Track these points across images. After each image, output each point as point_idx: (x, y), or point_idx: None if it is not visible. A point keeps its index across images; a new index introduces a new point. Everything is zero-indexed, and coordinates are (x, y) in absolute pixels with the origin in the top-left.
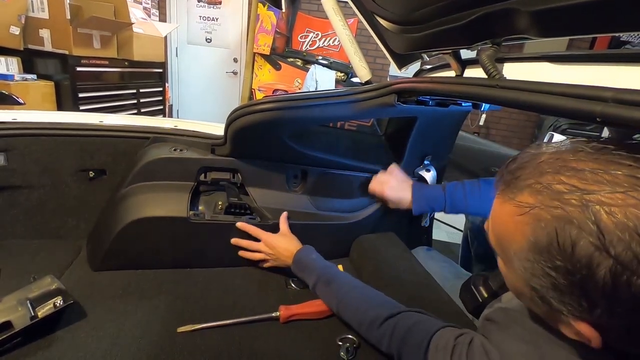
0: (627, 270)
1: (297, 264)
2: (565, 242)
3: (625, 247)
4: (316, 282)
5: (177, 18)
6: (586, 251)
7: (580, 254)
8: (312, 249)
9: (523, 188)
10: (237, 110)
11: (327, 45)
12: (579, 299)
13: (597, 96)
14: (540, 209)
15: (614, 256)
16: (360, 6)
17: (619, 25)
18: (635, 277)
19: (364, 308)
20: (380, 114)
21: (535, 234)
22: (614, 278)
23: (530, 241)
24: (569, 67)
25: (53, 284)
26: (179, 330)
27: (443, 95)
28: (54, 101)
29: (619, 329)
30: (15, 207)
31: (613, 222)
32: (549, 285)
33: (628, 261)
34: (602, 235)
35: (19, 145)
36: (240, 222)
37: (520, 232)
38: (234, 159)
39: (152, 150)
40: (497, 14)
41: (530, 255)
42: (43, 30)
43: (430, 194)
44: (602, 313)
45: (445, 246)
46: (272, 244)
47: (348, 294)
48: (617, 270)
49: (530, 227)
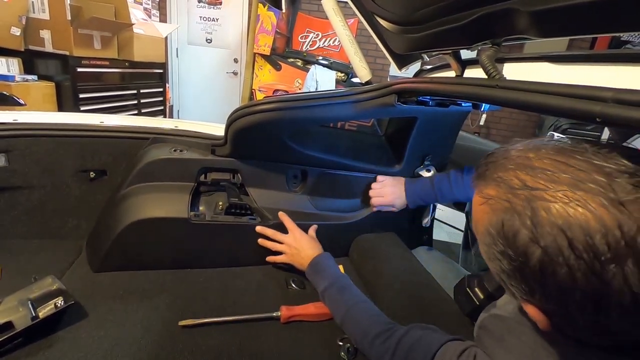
0: (553, 261)
1: (314, 266)
2: (509, 232)
3: (552, 240)
4: (328, 286)
5: (178, 19)
6: (523, 241)
7: (519, 243)
8: (331, 256)
9: (489, 181)
10: (237, 111)
11: (328, 46)
12: (520, 283)
13: (596, 96)
14: (496, 201)
15: (542, 247)
16: (360, 6)
17: (620, 26)
18: (559, 268)
19: (371, 321)
20: (381, 114)
21: (490, 221)
22: (542, 267)
23: (486, 228)
24: (569, 67)
25: (54, 285)
26: (181, 324)
27: (443, 96)
28: (54, 102)
29: (559, 314)
30: (16, 208)
31: (546, 218)
32: (499, 269)
33: (554, 253)
34: (535, 228)
35: (20, 146)
36: (259, 227)
37: (481, 219)
38: (234, 160)
39: (152, 151)
40: (497, 14)
41: (487, 240)
42: (44, 31)
43: (421, 187)
44: (540, 297)
45: (446, 246)
46: (300, 241)
47: (358, 305)
48: (545, 260)
49: (487, 215)
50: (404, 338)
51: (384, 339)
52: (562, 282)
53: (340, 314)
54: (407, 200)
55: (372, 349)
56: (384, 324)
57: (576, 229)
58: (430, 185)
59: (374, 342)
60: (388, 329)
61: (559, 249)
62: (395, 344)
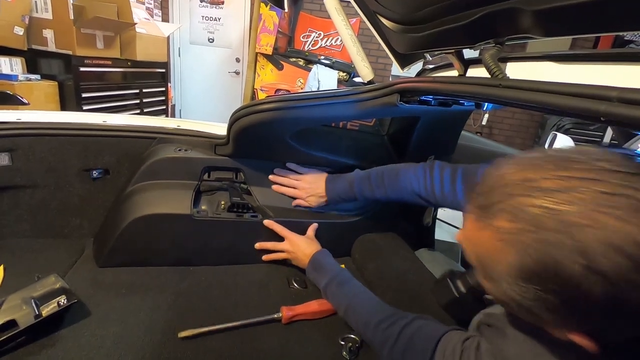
0: (614, 284)
1: (313, 264)
2: (550, 265)
3: (610, 263)
4: (329, 282)
5: (180, 18)
6: (571, 271)
7: (566, 275)
8: (329, 253)
9: (496, 212)
10: (239, 110)
11: (330, 45)
12: (572, 315)
13: (601, 95)
14: (519, 234)
15: (598, 272)
16: (363, 6)
17: (623, 25)
18: (630, 292)
19: (375, 309)
20: (383, 113)
21: (519, 258)
22: (603, 293)
23: (515, 266)
24: (573, 66)
25: (57, 283)
26: (181, 335)
27: (446, 95)
28: (57, 101)
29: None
30: (19, 207)
31: (591, 240)
32: (541, 306)
33: (616, 277)
34: (584, 254)
35: (23, 145)
36: (266, 220)
37: (503, 256)
38: (236, 159)
39: (158, 150)
40: (500, 14)
41: (519, 280)
42: (47, 31)
43: (341, 186)
44: (595, 324)
45: (447, 246)
46: (296, 242)
47: (359, 295)
48: (605, 285)
49: (512, 252)
50: (407, 327)
51: (387, 325)
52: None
53: (342, 307)
54: (327, 196)
55: (375, 336)
56: (387, 311)
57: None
58: (348, 185)
59: (377, 328)
60: (392, 315)
61: (620, 270)
62: (399, 331)
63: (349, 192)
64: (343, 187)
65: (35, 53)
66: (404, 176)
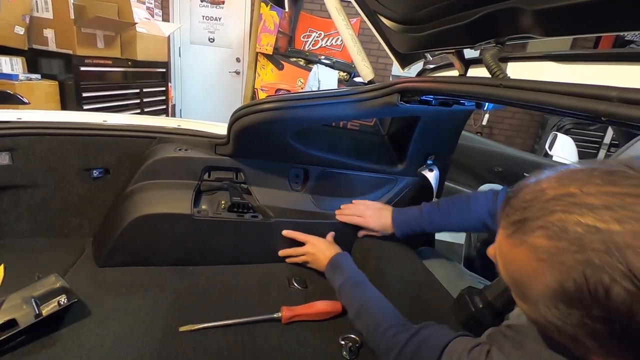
0: None
1: (332, 264)
2: (598, 290)
3: None
4: (345, 281)
5: (180, 18)
6: (623, 297)
7: (616, 301)
8: (349, 255)
9: (534, 229)
10: (239, 110)
11: (330, 45)
12: (620, 345)
13: (601, 95)
14: (559, 254)
15: None
16: (364, 5)
17: (624, 25)
18: None
19: (386, 314)
20: (383, 113)
21: (560, 280)
22: None
23: (554, 288)
24: (573, 66)
25: (57, 283)
26: (181, 330)
27: (446, 95)
28: (57, 101)
29: None
30: (19, 206)
31: None
32: (585, 334)
33: None
34: (635, 279)
35: (24, 145)
36: (286, 231)
37: (541, 277)
38: (237, 158)
39: (158, 150)
40: (501, 13)
41: (560, 304)
42: (47, 30)
43: (410, 217)
44: None
45: (448, 246)
46: (317, 244)
47: (374, 298)
48: None
49: (552, 273)
50: (415, 336)
51: (395, 332)
52: None
53: (355, 307)
54: (395, 229)
55: (381, 340)
56: (398, 319)
57: None
58: (419, 214)
59: (385, 333)
60: (402, 324)
61: None
62: (406, 340)
63: (420, 220)
64: (413, 217)
65: (35, 52)
66: (474, 201)
